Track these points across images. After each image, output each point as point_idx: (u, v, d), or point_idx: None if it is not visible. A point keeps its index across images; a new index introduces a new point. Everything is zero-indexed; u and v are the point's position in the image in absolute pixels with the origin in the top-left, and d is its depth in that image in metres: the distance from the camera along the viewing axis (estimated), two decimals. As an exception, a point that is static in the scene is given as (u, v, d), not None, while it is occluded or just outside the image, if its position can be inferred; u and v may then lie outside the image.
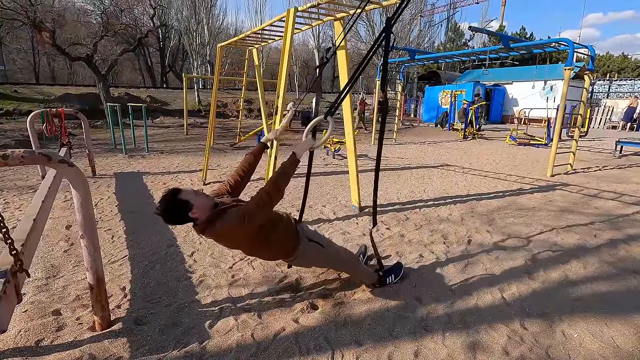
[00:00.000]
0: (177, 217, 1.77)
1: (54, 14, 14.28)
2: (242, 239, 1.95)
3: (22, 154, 1.56)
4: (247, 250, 2.13)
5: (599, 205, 4.59)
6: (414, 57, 9.99)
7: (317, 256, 2.22)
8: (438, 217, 4.09)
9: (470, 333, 2.03)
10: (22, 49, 27.05)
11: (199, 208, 1.78)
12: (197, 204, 1.77)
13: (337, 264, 2.39)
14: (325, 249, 2.22)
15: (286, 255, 2.15)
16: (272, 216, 2.06)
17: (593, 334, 2.04)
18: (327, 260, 2.32)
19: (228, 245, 2.05)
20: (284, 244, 2.09)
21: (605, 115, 18.10)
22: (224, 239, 1.95)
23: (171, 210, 1.74)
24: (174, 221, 1.81)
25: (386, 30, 2.02)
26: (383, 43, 2.05)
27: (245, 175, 2.24)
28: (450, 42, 31.97)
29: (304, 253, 2.14)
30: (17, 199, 4.51)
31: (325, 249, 2.23)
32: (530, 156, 8.83)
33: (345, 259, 2.36)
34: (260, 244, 2.00)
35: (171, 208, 1.74)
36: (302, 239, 2.13)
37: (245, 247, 2.08)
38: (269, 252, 2.13)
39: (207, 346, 1.91)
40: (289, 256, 2.15)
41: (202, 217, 1.80)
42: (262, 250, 2.09)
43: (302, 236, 2.15)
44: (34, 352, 1.85)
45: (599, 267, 2.87)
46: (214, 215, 1.82)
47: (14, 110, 13.59)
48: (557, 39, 6.92)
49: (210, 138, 5.86)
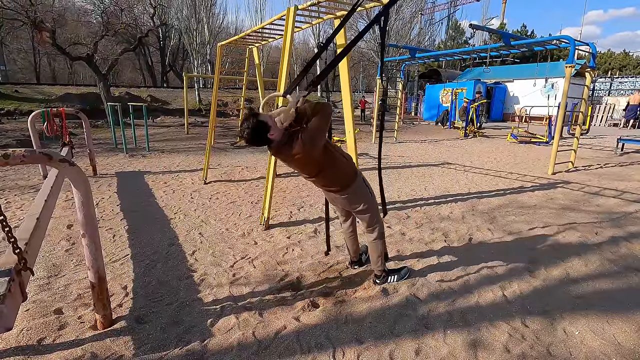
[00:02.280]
0: (259, 136, 1.91)
1: (54, 13, 14.30)
2: (311, 158, 2.03)
3: (23, 153, 1.56)
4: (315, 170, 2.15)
5: (601, 203, 4.58)
6: (415, 55, 9.97)
7: (366, 198, 2.32)
8: (439, 215, 4.08)
9: (471, 331, 2.03)
10: (23, 49, 27.08)
11: (275, 129, 1.94)
12: (273, 125, 1.93)
13: (373, 220, 2.41)
14: (373, 197, 2.37)
15: (347, 182, 2.22)
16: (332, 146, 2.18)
17: (594, 331, 2.04)
18: (371, 207, 2.37)
19: (298, 166, 2.11)
20: (347, 170, 2.21)
21: (607, 113, 18.05)
22: (295, 159, 2.01)
23: (254, 130, 1.88)
24: (256, 140, 1.93)
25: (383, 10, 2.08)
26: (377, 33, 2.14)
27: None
28: (450, 40, 31.91)
29: (358, 189, 2.27)
30: (18, 198, 4.52)
31: (373, 198, 2.38)
32: (531, 154, 8.81)
33: (379, 220, 2.44)
34: (328, 161, 2.11)
35: (254, 127, 1.88)
36: (359, 176, 2.30)
37: (314, 166, 2.12)
38: (334, 173, 2.18)
39: (208, 344, 1.92)
40: (349, 185, 2.23)
41: (277, 138, 1.95)
42: (329, 169, 2.14)
43: (359, 174, 2.31)
44: (36, 350, 1.85)
45: (600, 264, 2.86)
46: (287, 137, 1.96)
47: (15, 110, 13.62)
48: (559, 36, 6.90)
49: (211, 137, 5.86)
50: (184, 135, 11.85)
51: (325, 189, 2.31)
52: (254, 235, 3.44)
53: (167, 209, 4.25)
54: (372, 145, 10.24)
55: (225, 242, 3.31)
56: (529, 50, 8.54)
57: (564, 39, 6.65)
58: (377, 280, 2.51)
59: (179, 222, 3.81)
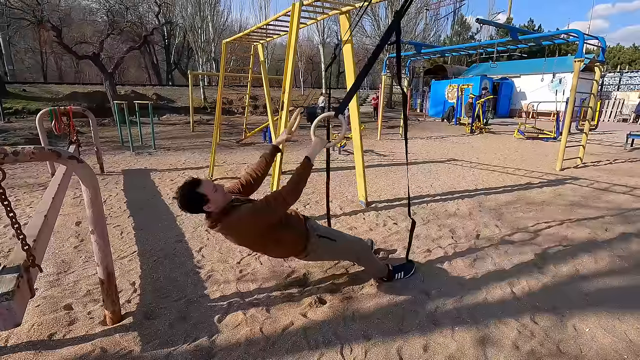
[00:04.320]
0: (192, 206, 1.85)
1: (60, 12, 14.40)
2: (251, 235, 1.95)
3: (32, 150, 1.57)
4: (256, 247, 2.13)
5: (610, 199, 4.52)
6: (420, 51, 9.88)
7: (329, 251, 2.22)
8: (446, 211, 4.06)
9: (479, 327, 2.02)
10: (30, 48, 27.34)
11: (215, 202, 1.85)
12: (214, 198, 1.84)
13: (350, 256, 2.38)
14: (337, 243, 2.20)
15: (297, 253, 2.14)
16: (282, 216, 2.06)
17: (605, 328, 2.01)
18: (339, 253, 2.33)
19: (237, 240, 2.04)
20: (294, 242, 2.09)
21: (616, 108, 17.78)
22: (234, 234, 1.94)
23: (188, 200, 1.83)
24: (188, 210, 1.86)
25: (395, 25, 2.00)
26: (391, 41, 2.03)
27: (258, 178, 2.26)
28: (456, 36, 31.59)
29: (315, 249, 2.14)
30: (27, 196, 4.57)
31: (337, 243, 2.21)
32: (538, 150, 8.71)
33: (358, 250, 2.33)
34: (269, 241, 2.01)
35: (188, 197, 1.82)
36: (311, 236, 2.12)
37: (255, 244, 2.08)
38: (278, 249, 2.13)
39: (216, 340, 1.92)
40: (300, 253, 2.14)
41: (215, 211, 1.86)
42: (272, 247, 2.09)
43: (311, 233, 2.13)
44: (46, 345, 1.87)
45: (610, 261, 2.82)
46: (228, 209, 1.86)
47: (23, 109, 13.76)
48: (567, 30, 6.79)
49: (217, 135, 5.87)
50: (190, 133, 11.90)
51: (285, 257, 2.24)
52: (260, 232, 3.45)
53: (173, 206, 4.27)
54: (377, 142, 10.20)
55: (232, 238, 3.31)
56: (536, 45, 8.42)
57: (573, 32, 6.54)
58: (384, 279, 2.50)
59: (185, 219, 3.83)
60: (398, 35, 2.01)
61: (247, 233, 1.93)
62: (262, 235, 1.96)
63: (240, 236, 1.98)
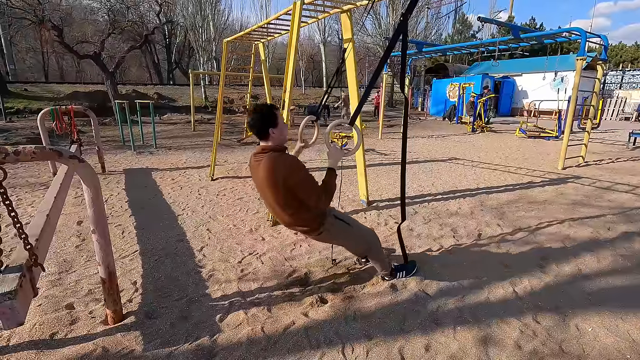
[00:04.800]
0: (263, 123, 1.90)
1: (61, 12, 14.40)
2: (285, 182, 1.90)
3: (33, 150, 1.57)
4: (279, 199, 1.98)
5: (613, 198, 4.50)
6: (421, 49, 9.87)
7: (343, 233, 2.25)
8: (447, 210, 4.05)
9: (481, 327, 2.01)
10: (32, 47, 27.37)
11: (279, 131, 1.93)
12: (280, 127, 1.93)
13: (362, 244, 2.36)
14: (351, 228, 2.26)
15: (312, 227, 2.12)
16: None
17: (608, 328, 2.00)
18: (352, 239, 2.31)
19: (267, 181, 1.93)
20: (313, 216, 2.09)
21: (618, 107, 17.72)
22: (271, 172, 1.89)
23: (264, 114, 1.89)
24: (257, 125, 1.91)
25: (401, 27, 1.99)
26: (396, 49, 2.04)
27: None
28: (458, 34, 31.50)
29: (330, 229, 2.16)
30: (29, 195, 4.58)
31: (352, 228, 2.26)
32: (540, 149, 8.69)
33: (370, 240, 2.36)
34: (294, 200, 1.98)
35: (266, 112, 1.89)
36: (328, 215, 2.17)
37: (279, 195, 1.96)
38: (297, 214, 2.04)
39: (217, 340, 1.92)
40: (315, 230, 2.13)
41: (274, 140, 1.94)
42: (292, 206, 2.00)
43: (328, 213, 2.19)
44: (48, 345, 1.88)
45: (613, 260, 2.81)
46: (281, 149, 1.92)
47: (25, 109, 13.78)
48: (569, 28, 6.76)
49: (218, 134, 5.87)
50: (191, 132, 11.90)
51: (292, 228, 2.17)
52: (261, 232, 3.45)
53: (174, 205, 4.28)
54: (379, 141, 10.18)
55: (233, 238, 3.31)
56: (538, 43, 8.39)
57: (575, 31, 6.52)
58: (386, 277, 2.50)
59: (186, 218, 3.83)
60: (405, 37, 2.00)
61: (284, 177, 1.88)
62: (292, 190, 1.92)
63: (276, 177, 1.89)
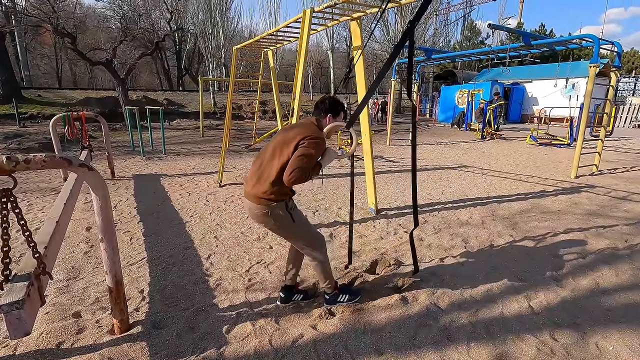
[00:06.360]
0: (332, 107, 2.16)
1: (75, 20, 14.71)
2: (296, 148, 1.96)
3: (43, 158, 1.56)
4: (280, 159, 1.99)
5: (629, 209, 4.37)
6: (430, 56, 9.82)
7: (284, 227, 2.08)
8: (458, 220, 3.97)
9: (496, 344, 1.94)
10: (46, 54, 28.01)
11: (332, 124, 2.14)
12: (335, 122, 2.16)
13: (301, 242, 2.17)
14: (294, 223, 2.07)
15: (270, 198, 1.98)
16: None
17: (630, 347, 1.91)
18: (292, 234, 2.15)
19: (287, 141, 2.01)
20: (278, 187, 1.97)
21: (631, 114, 17.40)
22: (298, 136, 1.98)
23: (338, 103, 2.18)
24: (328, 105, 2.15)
25: (408, 34, 1.96)
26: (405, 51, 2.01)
27: None
28: (466, 41, 31.41)
29: (276, 215, 2.01)
30: (40, 200, 4.62)
31: (295, 223, 2.08)
32: (552, 157, 8.54)
33: (312, 242, 2.16)
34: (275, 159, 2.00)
35: (340, 104, 2.19)
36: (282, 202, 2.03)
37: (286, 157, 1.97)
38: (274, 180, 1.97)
39: (224, 352, 1.88)
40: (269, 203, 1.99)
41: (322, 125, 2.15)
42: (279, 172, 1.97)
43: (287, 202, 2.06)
44: (55, 354, 1.86)
45: (632, 274, 2.71)
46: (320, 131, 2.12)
47: (38, 114, 14.04)
48: (581, 35, 6.67)
49: (226, 140, 5.88)
50: (199, 138, 11.99)
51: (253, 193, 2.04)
52: (269, 239, 3.41)
53: (182, 212, 4.28)
54: (386, 147, 10.13)
55: (241, 246, 3.29)
56: (549, 50, 8.29)
57: (588, 37, 6.42)
58: (327, 296, 2.29)
59: (194, 225, 3.82)
60: (412, 44, 1.97)
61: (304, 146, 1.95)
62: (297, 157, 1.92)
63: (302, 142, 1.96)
